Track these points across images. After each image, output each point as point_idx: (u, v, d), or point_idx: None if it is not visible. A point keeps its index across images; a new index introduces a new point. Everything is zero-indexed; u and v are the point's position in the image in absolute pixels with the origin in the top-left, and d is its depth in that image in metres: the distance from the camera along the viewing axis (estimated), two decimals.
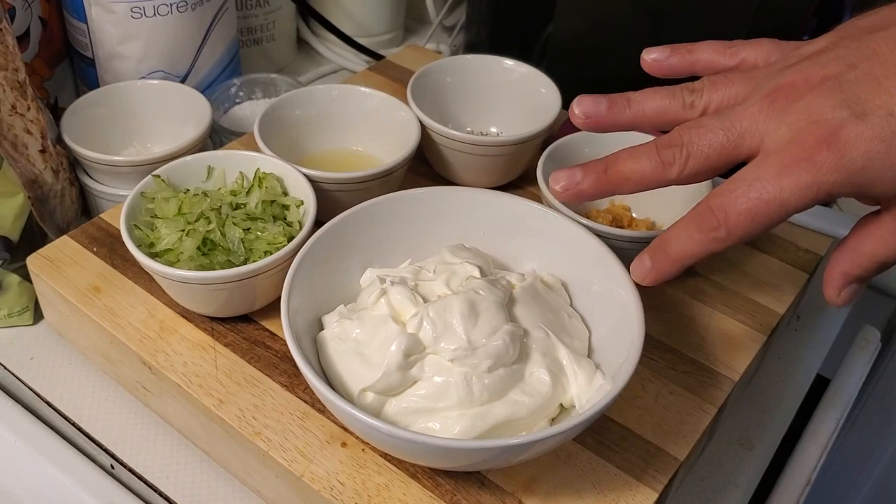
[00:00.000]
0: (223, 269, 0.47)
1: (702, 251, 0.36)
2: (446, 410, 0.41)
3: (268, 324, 0.50)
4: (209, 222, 0.49)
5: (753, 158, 0.35)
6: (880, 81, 0.33)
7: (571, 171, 0.39)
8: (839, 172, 0.33)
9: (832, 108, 0.33)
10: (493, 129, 0.66)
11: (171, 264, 0.48)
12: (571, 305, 0.48)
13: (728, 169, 0.37)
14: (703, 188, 0.53)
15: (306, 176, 0.52)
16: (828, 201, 0.34)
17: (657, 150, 0.37)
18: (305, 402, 0.46)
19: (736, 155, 0.36)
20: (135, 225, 0.50)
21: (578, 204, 0.38)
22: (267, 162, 0.54)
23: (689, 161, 0.36)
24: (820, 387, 0.63)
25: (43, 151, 0.55)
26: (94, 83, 0.68)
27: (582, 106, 0.40)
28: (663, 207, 0.56)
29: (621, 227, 0.55)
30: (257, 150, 0.55)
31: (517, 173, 0.62)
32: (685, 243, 0.36)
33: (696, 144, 0.36)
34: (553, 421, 0.43)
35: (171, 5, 0.65)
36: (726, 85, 0.39)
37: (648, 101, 0.40)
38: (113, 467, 0.50)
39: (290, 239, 0.49)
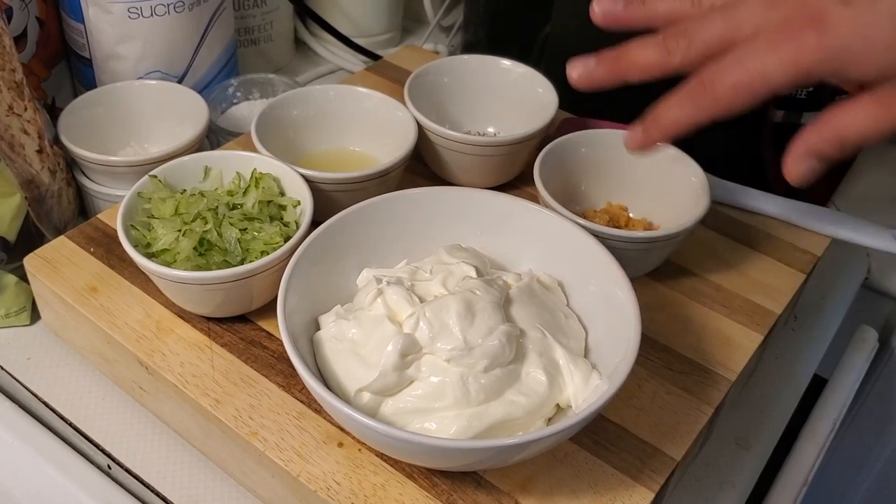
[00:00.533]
0: (220, 269, 0.47)
1: (689, 119, 0.39)
2: (443, 410, 0.41)
3: (264, 324, 0.50)
4: (206, 222, 0.49)
5: None
6: None
7: (586, 59, 0.43)
8: (821, 51, 0.36)
9: None
10: (491, 130, 0.66)
11: (167, 264, 0.48)
12: (568, 305, 0.48)
13: None
14: (699, 189, 0.53)
15: (303, 176, 0.52)
16: (811, 85, 0.36)
17: (663, 39, 0.40)
18: (302, 402, 0.46)
19: (734, 44, 0.38)
20: (131, 225, 0.50)
21: (593, 90, 0.41)
22: (264, 162, 0.54)
23: (691, 48, 0.39)
24: (817, 387, 0.63)
25: (40, 152, 0.55)
26: (91, 83, 0.68)
27: (601, 4, 0.44)
28: (660, 208, 0.56)
29: (618, 227, 0.55)
30: (254, 150, 0.55)
31: (514, 173, 0.62)
32: (674, 112, 0.40)
33: (698, 33, 0.39)
34: (549, 421, 0.43)
35: (168, 5, 0.65)
36: None
37: (661, 2, 0.43)
38: (110, 467, 0.50)
39: (287, 239, 0.49)
